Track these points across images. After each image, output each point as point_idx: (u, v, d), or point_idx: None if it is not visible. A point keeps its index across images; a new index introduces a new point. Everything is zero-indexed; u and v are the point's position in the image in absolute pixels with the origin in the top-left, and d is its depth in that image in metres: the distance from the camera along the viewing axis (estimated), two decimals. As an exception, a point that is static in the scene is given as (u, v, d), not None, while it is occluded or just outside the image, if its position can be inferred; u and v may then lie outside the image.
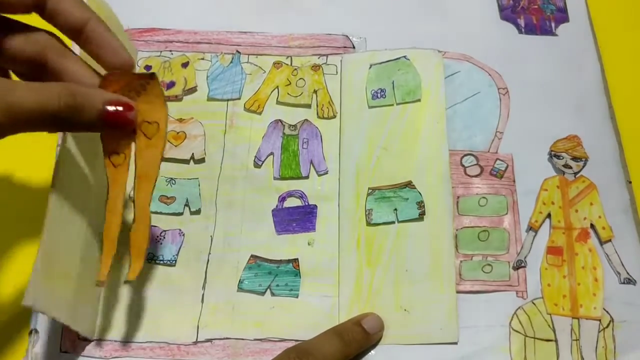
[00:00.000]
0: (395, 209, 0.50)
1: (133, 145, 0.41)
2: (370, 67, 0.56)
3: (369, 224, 0.50)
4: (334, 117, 0.55)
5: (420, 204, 0.50)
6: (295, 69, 0.57)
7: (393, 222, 0.50)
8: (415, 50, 0.56)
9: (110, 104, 0.38)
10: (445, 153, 0.52)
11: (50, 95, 0.35)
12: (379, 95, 0.54)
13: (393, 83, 0.55)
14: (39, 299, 0.38)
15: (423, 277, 0.48)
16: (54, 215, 0.41)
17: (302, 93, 0.56)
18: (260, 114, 0.55)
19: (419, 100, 0.54)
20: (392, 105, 0.54)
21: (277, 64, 0.57)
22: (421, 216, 0.50)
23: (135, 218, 0.42)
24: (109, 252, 0.41)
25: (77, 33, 0.40)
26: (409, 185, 0.51)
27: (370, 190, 0.51)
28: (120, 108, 0.39)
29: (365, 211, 0.50)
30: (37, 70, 0.39)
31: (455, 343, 0.47)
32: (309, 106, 0.55)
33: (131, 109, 0.39)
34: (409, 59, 0.56)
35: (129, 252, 0.42)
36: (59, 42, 0.40)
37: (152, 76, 0.40)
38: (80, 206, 0.44)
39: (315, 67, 0.56)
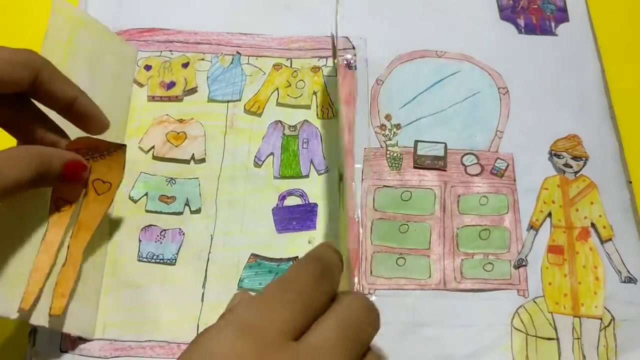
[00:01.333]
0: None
1: (81, 196, 0.45)
2: None
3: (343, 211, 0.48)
4: (334, 117, 0.55)
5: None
6: (295, 71, 0.57)
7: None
8: None
9: (68, 165, 0.43)
10: None
11: (25, 169, 0.39)
12: None
13: None
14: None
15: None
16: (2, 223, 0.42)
17: (301, 94, 0.56)
18: (260, 115, 0.55)
19: None
20: None
21: (277, 66, 0.57)
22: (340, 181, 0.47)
23: (66, 261, 0.43)
24: (34, 289, 0.41)
25: (67, 110, 0.44)
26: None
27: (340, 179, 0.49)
28: (76, 168, 0.43)
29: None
30: (10, 129, 0.43)
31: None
32: (308, 107, 0.55)
33: (85, 169, 0.44)
34: None
35: (54, 289, 0.42)
36: (32, 106, 0.43)
37: (122, 147, 0.46)
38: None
39: (315, 69, 0.57)
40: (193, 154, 0.53)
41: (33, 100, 0.43)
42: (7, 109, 0.42)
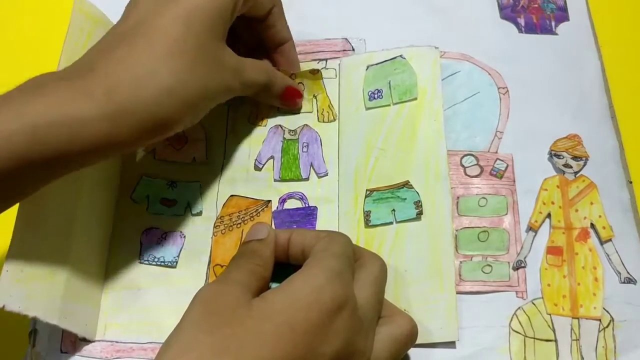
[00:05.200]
0: (393, 210, 0.50)
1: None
2: (367, 69, 0.56)
3: (367, 225, 0.50)
4: (334, 120, 0.55)
5: (418, 204, 0.50)
6: (294, 74, 0.57)
7: (391, 223, 0.50)
8: (411, 48, 0.56)
9: (288, 88, 0.53)
10: (442, 151, 0.52)
11: (262, 73, 0.49)
12: (375, 96, 0.54)
13: (389, 83, 0.55)
14: (13, 300, 0.40)
15: (422, 276, 0.48)
16: (25, 217, 0.42)
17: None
18: (265, 126, 0.55)
19: (415, 98, 0.54)
20: (389, 105, 0.54)
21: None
22: (419, 216, 0.50)
23: None
24: None
25: (276, 48, 0.53)
26: (406, 185, 0.51)
27: (368, 192, 0.51)
28: (294, 92, 0.54)
29: (364, 213, 0.51)
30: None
31: (454, 344, 0.47)
32: (309, 111, 0.56)
33: (300, 97, 0.54)
34: (405, 58, 0.55)
35: None
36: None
37: (268, 205, 0.51)
38: (62, 208, 0.45)
39: (314, 72, 0.56)
40: (194, 157, 0.53)
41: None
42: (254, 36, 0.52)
